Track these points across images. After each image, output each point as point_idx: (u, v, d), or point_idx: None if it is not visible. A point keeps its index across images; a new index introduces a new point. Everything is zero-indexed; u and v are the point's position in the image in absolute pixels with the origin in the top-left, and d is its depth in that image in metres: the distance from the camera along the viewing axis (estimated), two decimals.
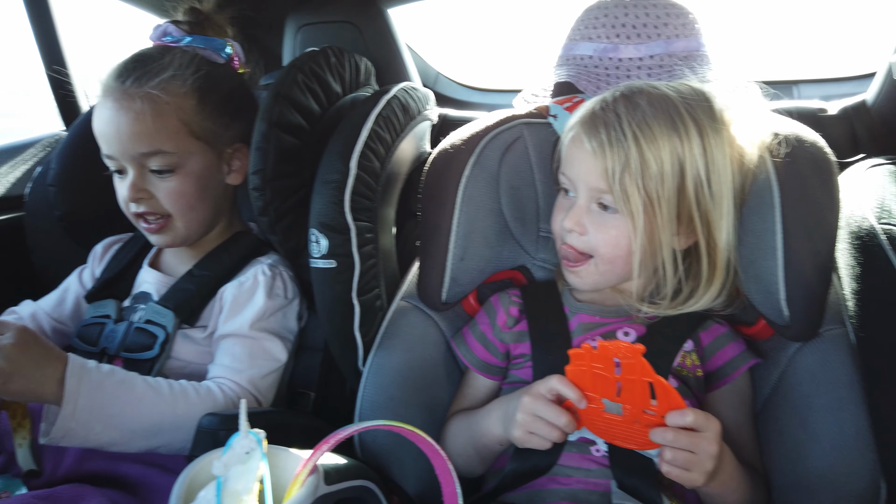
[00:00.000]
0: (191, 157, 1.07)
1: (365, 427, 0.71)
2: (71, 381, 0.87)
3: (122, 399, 0.90)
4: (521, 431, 0.83)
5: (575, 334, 0.96)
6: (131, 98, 1.03)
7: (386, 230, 1.11)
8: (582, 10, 1.18)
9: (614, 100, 0.89)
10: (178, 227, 1.09)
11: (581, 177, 0.90)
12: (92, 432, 0.88)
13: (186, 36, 1.14)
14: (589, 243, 0.91)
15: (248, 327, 1.05)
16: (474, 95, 2.07)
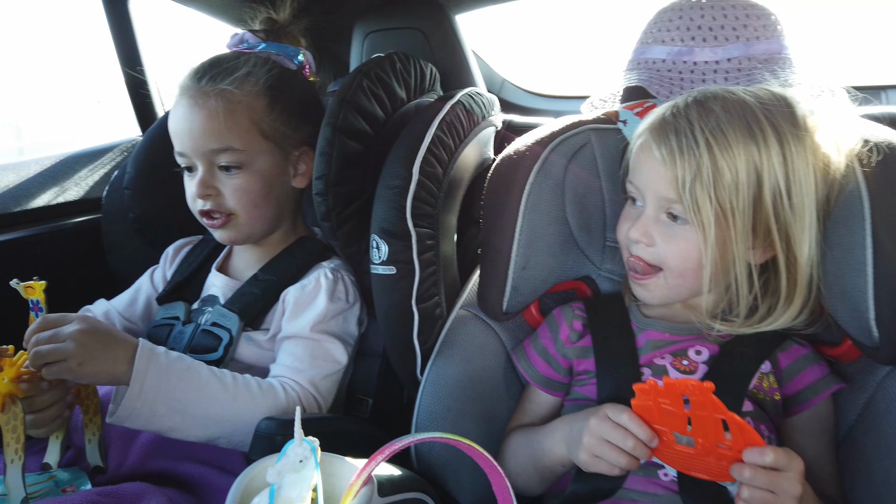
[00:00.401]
0: (258, 156, 1.09)
1: (421, 439, 0.69)
2: (140, 361, 0.89)
3: (187, 384, 0.92)
4: (587, 455, 0.79)
5: (643, 352, 0.91)
6: (206, 96, 1.06)
7: (447, 237, 1.09)
8: (655, 13, 1.14)
9: (686, 105, 0.84)
10: (241, 224, 1.11)
11: (649, 185, 0.86)
12: (156, 414, 0.90)
13: (261, 42, 1.18)
14: (657, 255, 0.87)
15: (309, 329, 1.06)
16: (540, 102, 2.04)
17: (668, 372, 0.88)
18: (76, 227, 1.43)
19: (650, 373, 0.88)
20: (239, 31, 1.19)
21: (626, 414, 0.76)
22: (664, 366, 0.89)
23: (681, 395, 0.69)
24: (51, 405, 0.92)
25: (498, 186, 1.03)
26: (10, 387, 0.83)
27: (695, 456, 0.73)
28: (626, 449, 0.76)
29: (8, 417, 0.83)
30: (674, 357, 0.89)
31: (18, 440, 0.83)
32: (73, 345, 0.86)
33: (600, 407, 0.80)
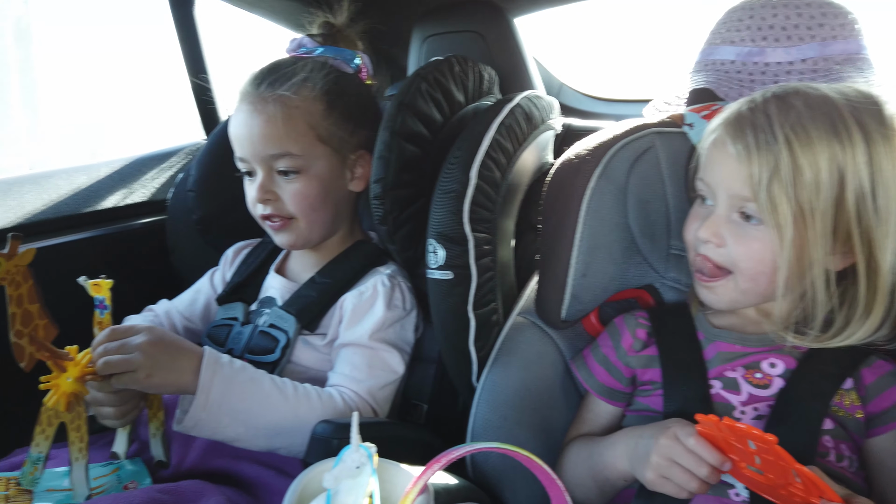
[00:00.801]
0: (316, 161, 1.09)
1: (478, 448, 0.68)
2: (206, 372, 0.91)
3: (250, 395, 0.93)
4: (655, 475, 0.76)
5: (712, 364, 0.87)
6: (265, 101, 1.07)
7: (504, 242, 1.08)
8: (724, 12, 1.10)
9: (765, 100, 0.80)
10: (301, 228, 1.12)
11: (722, 183, 0.82)
12: (220, 425, 0.92)
13: (319, 47, 1.18)
14: (728, 256, 0.82)
15: (367, 337, 1.06)
16: (600, 106, 2.01)
17: (739, 385, 0.84)
18: (142, 227, 1.47)
19: (720, 385, 0.85)
20: (297, 36, 1.20)
21: (693, 438, 0.73)
22: (735, 378, 0.85)
23: (745, 438, 0.65)
24: (131, 399, 0.96)
25: (557, 191, 1.01)
26: (74, 386, 0.85)
27: (765, 483, 0.69)
28: (700, 476, 0.72)
29: (73, 416, 0.85)
30: (746, 370, 0.85)
31: (82, 439, 0.86)
32: (141, 356, 0.88)
33: (669, 425, 0.77)
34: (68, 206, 1.36)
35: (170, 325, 1.26)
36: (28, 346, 0.80)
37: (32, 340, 0.80)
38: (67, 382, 0.85)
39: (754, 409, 0.81)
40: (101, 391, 0.92)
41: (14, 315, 0.79)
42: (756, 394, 0.82)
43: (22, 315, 0.79)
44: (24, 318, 0.79)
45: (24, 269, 0.79)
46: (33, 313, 0.80)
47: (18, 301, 0.79)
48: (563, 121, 1.34)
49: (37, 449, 0.86)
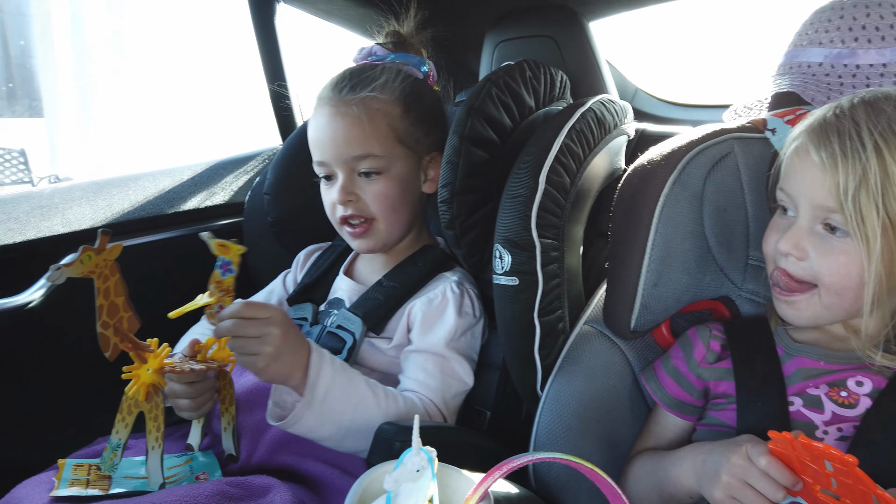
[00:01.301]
0: (396, 162, 1.12)
1: (541, 458, 0.66)
2: (313, 370, 0.92)
3: (347, 397, 0.94)
4: (724, 495, 0.72)
5: (792, 380, 0.83)
6: (347, 104, 1.10)
7: (573, 249, 1.06)
8: (811, 13, 1.05)
9: (852, 106, 0.75)
10: (380, 231, 1.14)
11: (804, 193, 0.78)
12: (316, 423, 0.93)
13: (390, 54, 1.21)
14: (811, 270, 0.78)
15: (441, 346, 1.07)
16: (676, 111, 1.95)
17: (822, 404, 0.79)
18: (221, 228, 1.53)
19: (801, 403, 0.80)
20: (366, 46, 1.23)
21: (764, 458, 0.69)
22: (818, 396, 0.80)
23: (822, 459, 0.61)
24: (206, 392, 0.99)
25: (629, 198, 0.98)
26: (154, 377, 0.89)
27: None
28: (774, 500, 0.69)
29: (151, 406, 0.89)
30: (830, 387, 0.80)
31: (159, 429, 0.89)
32: (270, 348, 0.88)
33: (740, 442, 0.73)
34: (153, 207, 1.43)
35: None
36: (113, 337, 0.84)
37: (117, 331, 0.84)
38: (147, 373, 0.89)
39: (838, 430, 0.77)
40: (179, 383, 0.96)
41: (101, 307, 0.82)
42: (841, 413, 0.77)
43: (108, 307, 0.83)
44: (110, 309, 0.83)
45: (112, 263, 0.83)
46: (119, 306, 0.84)
47: (106, 293, 0.83)
48: (636, 125, 1.31)
49: (116, 436, 0.90)
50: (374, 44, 1.23)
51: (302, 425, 0.92)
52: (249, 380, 1.07)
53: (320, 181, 1.17)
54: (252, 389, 1.05)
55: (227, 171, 1.60)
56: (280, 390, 0.95)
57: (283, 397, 0.95)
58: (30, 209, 1.29)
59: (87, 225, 1.31)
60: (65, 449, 1.01)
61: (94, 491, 0.86)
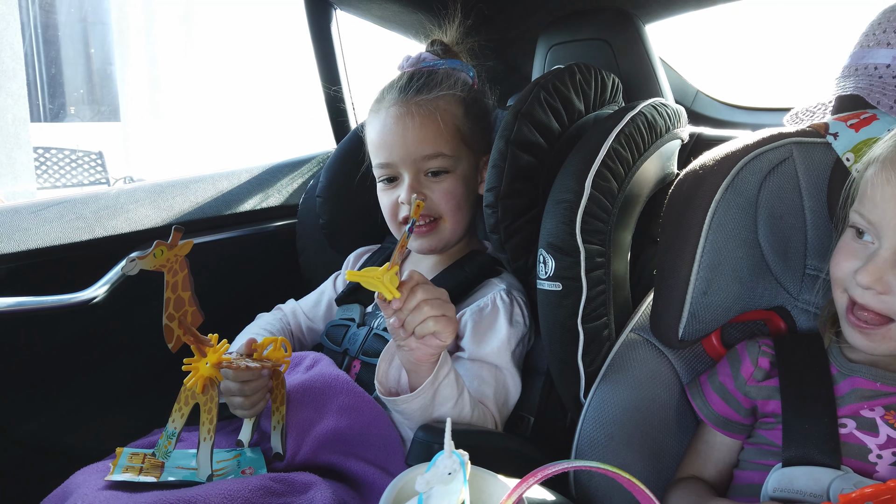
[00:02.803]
0: (461, 161, 1.15)
1: (577, 466, 0.66)
2: (442, 367, 0.93)
3: (451, 391, 0.95)
4: None
5: (845, 401, 0.79)
6: (417, 105, 1.13)
7: (620, 255, 1.04)
8: (879, 12, 1.00)
9: None
10: (445, 229, 1.16)
11: (890, 224, 0.72)
12: (421, 405, 0.94)
13: (440, 60, 1.22)
14: (891, 305, 0.73)
15: (494, 355, 1.07)
16: (739, 115, 1.90)
17: (877, 427, 0.75)
18: (276, 230, 1.57)
19: (854, 425, 0.76)
20: (411, 54, 1.24)
21: None
22: (873, 419, 0.76)
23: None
24: (259, 391, 1.02)
25: (680, 203, 0.96)
26: (211, 371, 0.92)
27: None
28: None
29: (206, 399, 0.92)
30: (886, 410, 0.76)
31: (212, 421, 0.92)
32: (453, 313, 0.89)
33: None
34: (211, 209, 1.48)
35: (295, 323, 1.33)
36: (177, 330, 0.87)
37: (181, 324, 0.88)
38: (206, 367, 0.92)
39: (893, 454, 0.73)
40: (235, 381, 0.99)
41: (169, 300, 0.86)
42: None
43: (175, 300, 0.87)
44: (176, 303, 0.87)
45: (182, 258, 0.87)
46: (185, 300, 0.88)
47: (174, 287, 0.86)
48: (691, 129, 1.28)
49: (172, 425, 0.94)
50: (422, 51, 1.25)
51: (413, 404, 0.93)
52: (297, 378, 1.09)
53: (378, 184, 1.18)
54: (300, 388, 1.08)
55: (282, 173, 1.64)
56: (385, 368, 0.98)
57: (391, 374, 0.98)
58: (97, 209, 1.35)
59: (149, 225, 1.37)
60: (125, 438, 1.06)
61: (147, 478, 0.89)
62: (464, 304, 1.14)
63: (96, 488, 0.85)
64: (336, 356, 1.19)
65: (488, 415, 1.02)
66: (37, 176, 5.86)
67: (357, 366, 1.15)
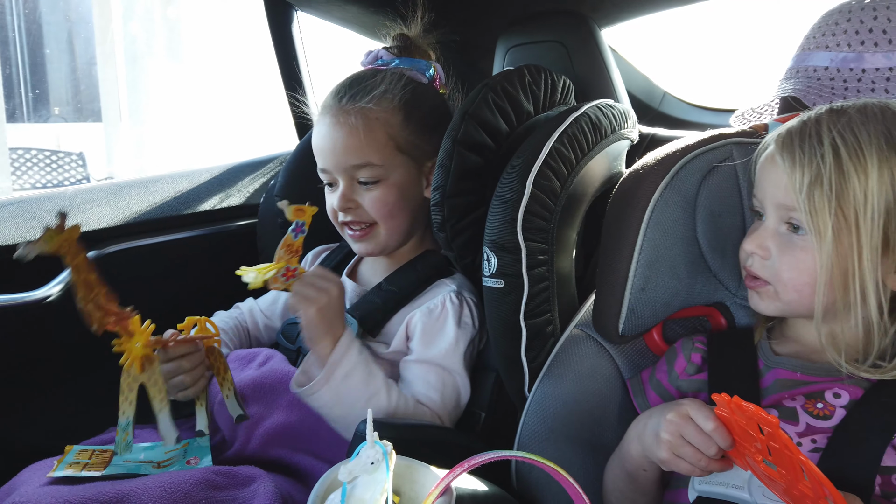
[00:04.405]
0: (395, 170, 1.13)
1: (502, 456, 0.67)
2: (339, 349, 0.98)
3: (364, 386, 0.99)
4: (668, 453, 0.74)
5: (770, 392, 0.82)
6: (346, 114, 1.12)
7: (564, 253, 1.06)
8: (819, 16, 1.03)
9: (818, 113, 0.78)
10: (381, 235, 1.16)
11: (769, 195, 0.80)
12: (330, 401, 0.98)
13: (395, 59, 1.22)
14: (772, 269, 0.80)
15: (442, 357, 1.08)
16: (706, 116, 1.91)
17: (797, 416, 0.78)
18: (237, 230, 1.58)
19: (776, 415, 0.79)
20: (373, 49, 1.24)
21: (712, 422, 0.70)
22: (794, 408, 0.79)
23: (754, 420, 0.62)
24: (198, 365, 1.03)
25: (620, 202, 0.98)
26: (144, 350, 0.93)
27: (780, 481, 0.65)
28: (709, 455, 0.71)
29: (148, 375, 0.93)
30: (807, 399, 0.79)
31: (161, 390, 0.93)
32: (325, 300, 0.98)
33: (682, 403, 0.75)
34: (170, 208, 1.48)
35: (252, 321, 1.34)
36: (95, 311, 0.88)
37: (97, 306, 0.89)
38: (137, 347, 0.93)
39: (812, 441, 0.75)
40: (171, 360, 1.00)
41: (76, 283, 0.87)
42: (815, 425, 0.76)
43: (83, 283, 0.87)
44: (85, 285, 0.88)
45: (74, 242, 0.87)
46: (92, 281, 0.88)
47: (77, 270, 0.87)
48: (643, 130, 1.30)
49: (123, 416, 0.95)
50: (381, 48, 1.25)
51: (317, 398, 0.98)
52: (249, 375, 1.10)
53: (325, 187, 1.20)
54: (251, 384, 1.09)
55: (243, 173, 1.65)
56: (311, 361, 1.01)
57: (312, 370, 1.00)
58: (52, 209, 1.35)
59: (106, 224, 1.38)
60: (80, 436, 1.07)
61: (90, 472, 0.90)
62: (415, 303, 1.15)
63: (38, 484, 0.86)
64: (290, 354, 1.20)
65: (427, 415, 1.03)
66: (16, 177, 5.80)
67: None
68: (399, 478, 0.70)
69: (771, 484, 0.68)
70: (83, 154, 6.22)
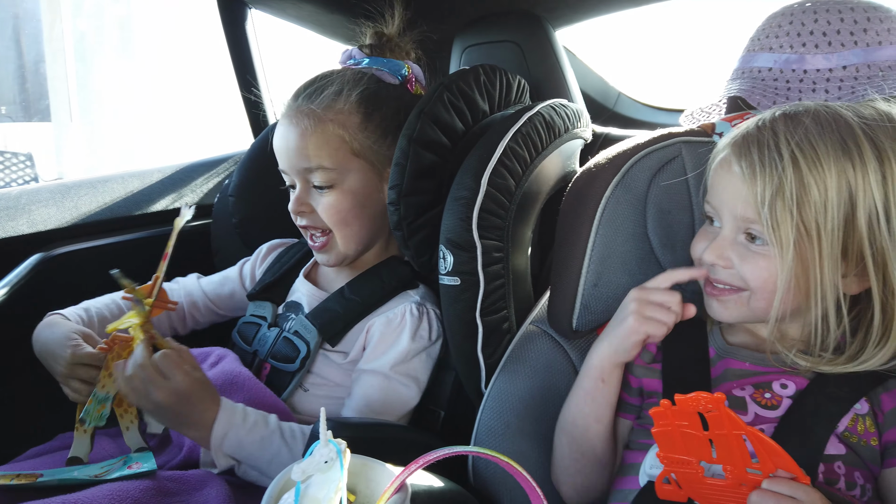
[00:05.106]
0: (349, 174, 1.10)
1: (456, 452, 0.68)
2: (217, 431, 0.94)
3: (256, 455, 0.95)
4: (638, 319, 0.83)
5: (720, 381, 0.84)
6: (300, 115, 1.09)
7: (520, 250, 1.07)
8: (764, 19, 1.06)
9: (773, 118, 0.78)
10: (337, 243, 1.12)
11: (727, 204, 0.80)
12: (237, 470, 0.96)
13: (366, 58, 1.19)
14: (738, 276, 0.80)
15: (388, 367, 1.07)
16: (660, 116, 1.95)
17: (746, 405, 0.80)
18: (190, 230, 1.53)
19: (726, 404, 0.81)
20: (349, 48, 1.21)
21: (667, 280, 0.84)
22: (743, 398, 0.81)
23: (696, 412, 0.64)
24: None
25: (573, 200, 1.00)
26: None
27: (728, 489, 0.67)
28: (672, 306, 0.83)
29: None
30: (755, 389, 0.81)
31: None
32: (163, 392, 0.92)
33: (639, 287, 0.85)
34: (121, 209, 1.45)
35: (189, 301, 1.30)
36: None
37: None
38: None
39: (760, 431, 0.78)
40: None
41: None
42: (763, 414, 0.79)
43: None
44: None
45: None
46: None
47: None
48: (597, 129, 1.32)
49: (104, 389, 0.94)
50: (355, 47, 1.21)
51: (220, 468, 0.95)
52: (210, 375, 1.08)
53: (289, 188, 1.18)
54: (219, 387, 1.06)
55: (197, 173, 1.62)
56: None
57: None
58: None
59: (52, 226, 1.34)
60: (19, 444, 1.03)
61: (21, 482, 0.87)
62: (378, 312, 1.13)
63: None
64: (246, 355, 1.17)
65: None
66: None
67: (267, 368, 1.14)
68: (354, 476, 0.70)
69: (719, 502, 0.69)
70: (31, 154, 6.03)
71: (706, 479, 0.68)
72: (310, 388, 1.11)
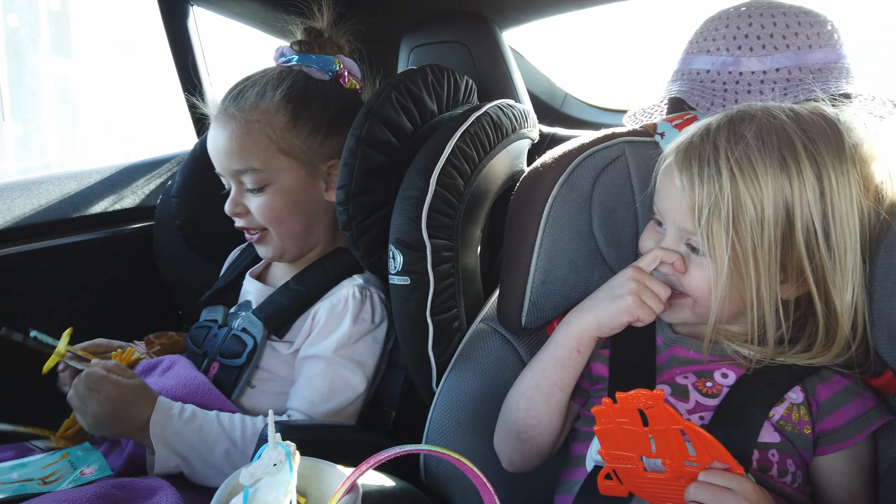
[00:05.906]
0: (280, 174, 1.09)
1: (407, 451, 0.68)
2: (154, 430, 0.96)
3: (197, 445, 0.97)
4: (636, 301, 0.81)
5: (665, 368, 0.87)
6: (228, 117, 1.09)
7: (469, 249, 1.08)
8: (702, 22, 1.10)
9: (717, 128, 0.78)
10: (274, 239, 1.13)
11: (670, 213, 0.82)
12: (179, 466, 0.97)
13: (296, 55, 1.17)
14: (681, 283, 0.83)
15: (331, 352, 1.06)
16: (605, 116, 1.98)
17: (688, 393, 0.83)
18: (131, 233, 1.50)
19: (669, 391, 0.84)
20: (282, 45, 1.21)
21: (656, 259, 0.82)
22: (685, 386, 0.84)
23: (636, 409, 0.65)
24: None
25: (520, 200, 1.01)
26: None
27: (667, 482, 0.69)
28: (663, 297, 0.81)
29: None
30: (697, 378, 0.84)
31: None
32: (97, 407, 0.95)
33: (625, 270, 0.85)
34: (56, 212, 1.40)
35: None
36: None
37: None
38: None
39: (700, 418, 0.80)
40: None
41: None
42: (704, 402, 0.81)
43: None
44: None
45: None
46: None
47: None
48: (543, 129, 1.34)
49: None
50: (287, 44, 1.20)
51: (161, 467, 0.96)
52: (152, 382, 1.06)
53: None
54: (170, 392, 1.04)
55: (138, 174, 1.57)
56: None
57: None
58: None
59: None
60: None
61: None
62: (323, 299, 1.13)
63: None
64: (197, 358, 1.16)
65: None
66: None
67: (215, 367, 1.13)
68: (304, 478, 0.69)
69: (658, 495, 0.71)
70: None
71: (646, 474, 0.70)
72: (257, 385, 1.10)
